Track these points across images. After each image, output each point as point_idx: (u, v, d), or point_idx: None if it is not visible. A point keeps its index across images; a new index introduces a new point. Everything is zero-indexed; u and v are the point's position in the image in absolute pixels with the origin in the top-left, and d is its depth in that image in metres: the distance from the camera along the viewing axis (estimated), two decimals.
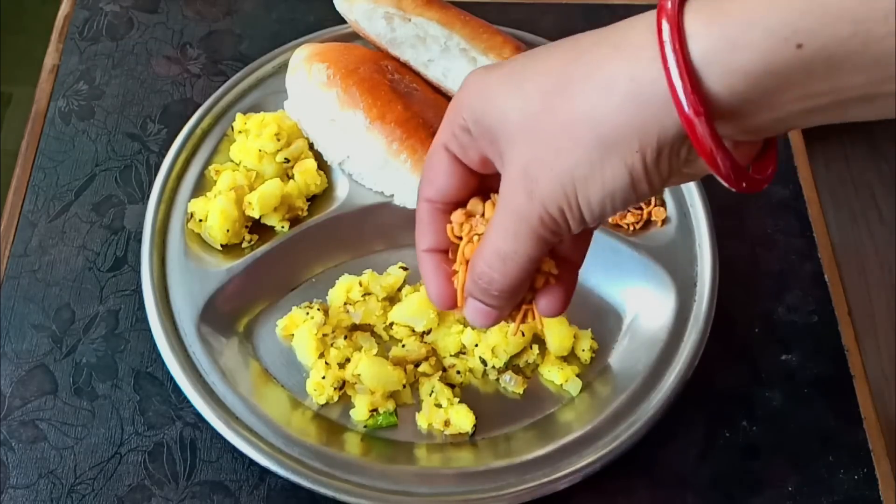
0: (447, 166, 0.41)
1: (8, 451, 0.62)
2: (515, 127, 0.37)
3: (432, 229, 0.43)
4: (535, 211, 0.37)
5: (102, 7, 0.85)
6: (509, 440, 0.63)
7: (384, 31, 0.71)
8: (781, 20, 0.31)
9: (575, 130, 0.35)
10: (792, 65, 0.31)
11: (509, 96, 0.37)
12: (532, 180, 0.36)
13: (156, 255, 0.67)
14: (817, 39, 0.31)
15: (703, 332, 0.65)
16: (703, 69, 0.32)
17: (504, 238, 0.38)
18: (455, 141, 0.40)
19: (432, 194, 0.42)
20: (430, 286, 0.43)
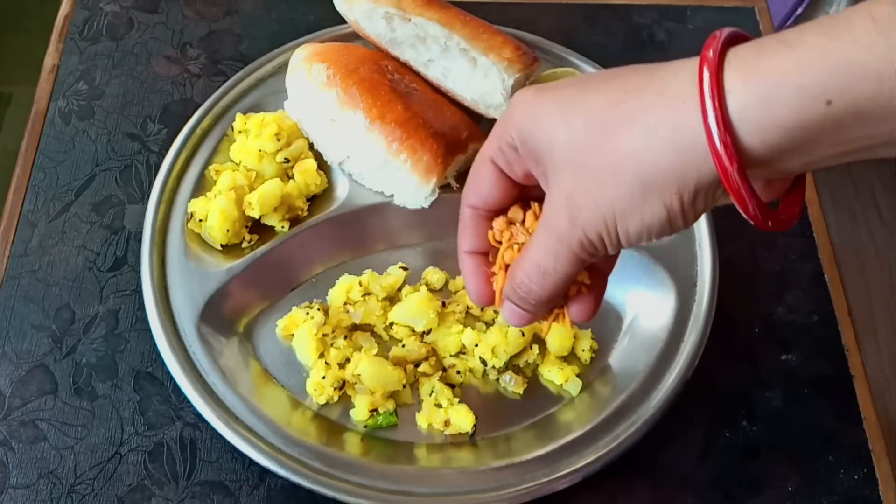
0: (492, 178, 0.44)
1: (8, 451, 0.62)
2: (562, 156, 0.40)
3: (474, 233, 0.46)
4: (577, 236, 0.41)
5: (102, 7, 0.85)
6: (509, 440, 0.63)
7: (384, 31, 0.71)
8: (811, 79, 0.33)
9: (619, 169, 0.38)
10: (822, 119, 0.34)
11: (558, 126, 0.40)
12: (575, 208, 0.40)
13: (156, 255, 0.67)
14: (845, 96, 0.33)
15: (703, 332, 0.65)
16: (738, 123, 0.35)
17: (545, 256, 0.42)
18: (502, 156, 0.43)
19: (477, 202, 0.45)
20: (470, 285, 0.48)
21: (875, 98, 0.33)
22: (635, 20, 0.86)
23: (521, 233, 0.45)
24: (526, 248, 0.44)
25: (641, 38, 0.85)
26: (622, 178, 0.38)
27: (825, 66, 0.33)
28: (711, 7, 0.87)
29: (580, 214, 0.40)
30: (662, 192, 0.38)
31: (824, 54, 0.34)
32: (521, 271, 0.44)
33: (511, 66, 0.68)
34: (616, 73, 0.40)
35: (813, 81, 0.34)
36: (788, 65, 0.34)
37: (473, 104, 0.71)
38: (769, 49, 0.35)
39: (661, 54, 0.84)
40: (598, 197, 0.39)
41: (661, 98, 0.37)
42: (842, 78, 0.33)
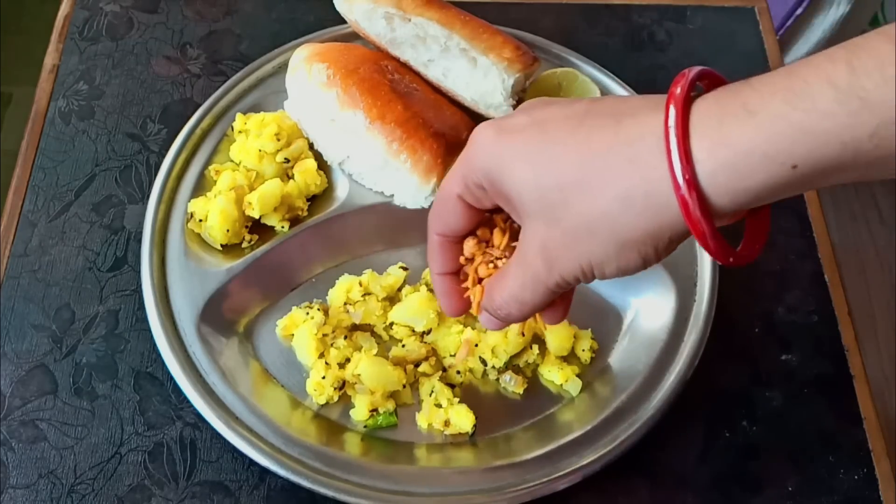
0: (460, 211, 0.46)
1: (8, 451, 0.62)
2: (533, 206, 0.41)
3: (445, 257, 0.49)
4: (553, 279, 0.43)
5: (102, 7, 0.85)
6: (509, 440, 0.63)
7: (384, 31, 0.71)
8: (776, 148, 0.35)
9: (593, 228, 0.40)
10: (789, 181, 0.36)
11: (526, 179, 0.41)
12: (551, 256, 0.42)
13: (156, 255, 0.67)
14: (810, 160, 0.35)
15: (703, 332, 0.65)
16: (708, 189, 0.37)
17: (521, 290, 0.44)
18: (469, 193, 0.44)
19: (446, 231, 0.47)
20: (445, 302, 0.50)
21: (839, 158, 0.35)
22: (635, 20, 0.86)
23: (492, 249, 0.47)
24: (503, 275, 0.45)
25: (641, 38, 0.85)
26: (597, 236, 0.40)
27: (789, 134, 0.35)
28: (711, 7, 0.87)
29: (556, 263, 0.42)
30: (638, 246, 0.40)
31: (788, 124, 0.35)
32: (499, 297, 0.46)
33: (511, 66, 0.68)
34: (578, 120, 0.41)
35: (778, 150, 0.35)
36: (753, 134, 0.35)
37: (473, 104, 0.71)
38: (732, 115, 0.36)
39: (661, 54, 0.84)
40: (573, 249, 0.41)
41: (630, 164, 0.38)
42: (806, 145, 0.35)
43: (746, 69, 0.86)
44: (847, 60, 0.34)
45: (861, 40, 0.35)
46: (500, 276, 0.46)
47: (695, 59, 0.82)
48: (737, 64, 0.82)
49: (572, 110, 0.41)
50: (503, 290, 0.45)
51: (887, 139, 0.34)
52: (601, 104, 0.41)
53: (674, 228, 0.39)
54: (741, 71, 0.86)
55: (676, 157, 0.36)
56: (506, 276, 0.45)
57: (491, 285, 0.46)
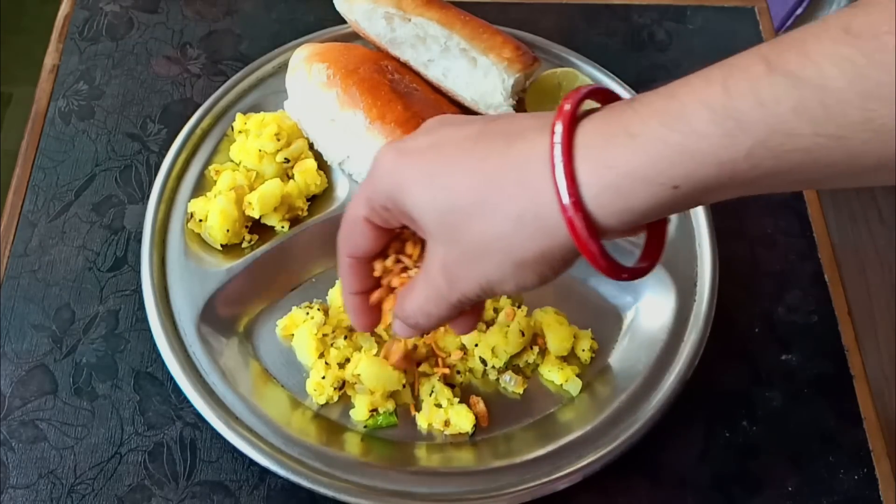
0: (368, 233, 0.47)
1: (8, 451, 0.62)
2: (433, 227, 0.42)
3: (357, 277, 0.49)
4: (455, 296, 0.44)
5: (102, 7, 0.85)
6: (509, 440, 0.63)
7: (384, 31, 0.71)
8: (656, 170, 0.36)
9: (489, 250, 0.41)
10: (671, 200, 0.37)
11: (425, 202, 0.42)
12: (452, 275, 0.43)
13: (156, 255, 0.67)
14: (691, 181, 0.36)
15: (703, 332, 0.65)
16: (595, 211, 0.38)
17: (426, 303, 0.45)
18: (376, 215, 0.45)
19: (355, 253, 0.48)
20: (356, 320, 0.51)
21: (718, 178, 0.36)
22: (635, 20, 0.86)
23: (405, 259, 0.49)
24: (412, 287, 0.46)
25: (641, 38, 0.85)
26: (493, 258, 0.41)
27: (667, 156, 0.36)
28: (711, 7, 0.88)
29: (456, 282, 0.43)
30: (533, 266, 0.41)
31: (666, 146, 0.36)
32: (408, 307, 0.47)
33: (511, 66, 0.68)
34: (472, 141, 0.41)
35: (658, 172, 0.36)
36: (633, 157, 0.36)
37: (473, 104, 0.71)
38: (615, 138, 0.37)
39: (660, 54, 0.84)
40: (472, 269, 0.42)
41: (520, 187, 0.39)
42: (685, 166, 0.36)
43: None
44: (722, 81, 0.35)
45: (736, 60, 0.36)
46: (410, 288, 0.47)
47: (695, 59, 0.82)
48: None
49: (468, 131, 0.42)
50: (412, 301, 0.46)
51: (763, 159, 0.35)
52: (495, 124, 0.42)
53: (565, 248, 0.40)
54: None
55: (562, 180, 0.37)
56: (414, 289, 0.46)
57: (402, 295, 0.47)
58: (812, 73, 0.33)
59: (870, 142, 0.33)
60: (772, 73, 0.34)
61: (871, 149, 0.33)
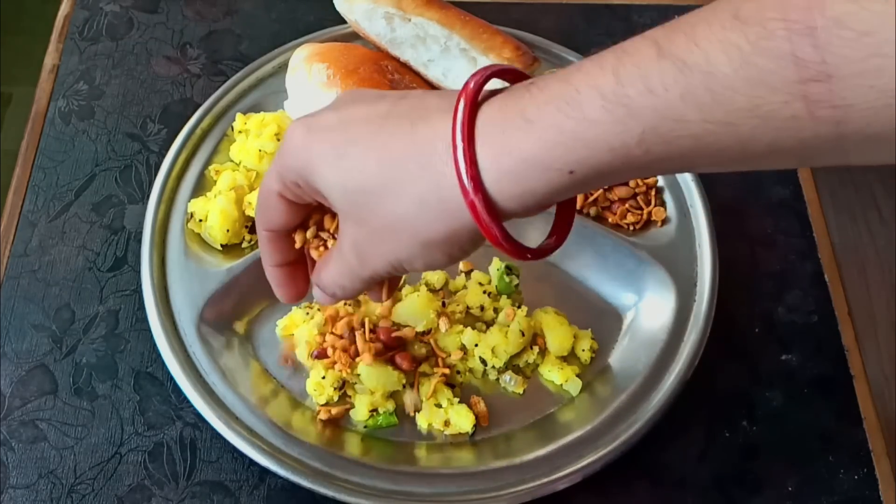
0: (283, 208, 0.47)
1: (8, 451, 0.61)
2: (342, 206, 0.43)
3: (276, 250, 0.49)
4: (367, 272, 0.45)
5: (102, 7, 0.85)
6: (509, 440, 0.63)
7: (384, 31, 0.71)
8: (551, 156, 0.37)
9: (396, 230, 0.41)
10: (568, 184, 0.38)
11: (333, 182, 0.42)
12: (362, 253, 0.44)
13: (156, 255, 0.67)
14: (585, 166, 0.37)
15: (703, 332, 0.65)
16: (496, 195, 0.38)
17: (341, 277, 0.46)
18: (288, 191, 0.45)
19: (272, 227, 0.48)
20: (280, 291, 0.51)
21: (611, 164, 0.36)
22: (635, 20, 0.86)
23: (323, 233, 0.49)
24: (328, 259, 0.47)
25: None
26: (401, 238, 0.42)
27: (562, 142, 0.36)
28: None
29: (367, 260, 0.44)
30: (440, 246, 0.41)
31: (560, 133, 0.36)
32: (325, 278, 0.47)
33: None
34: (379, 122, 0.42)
35: (553, 158, 0.37)
36: (530, 144, 0.37)
37: None
38: (512, 123, 0.38)
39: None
40: (380, 249, 0.43)
41: (423, 171, 0.40)
42: (578, 152, 0.36)
43: None
44: (613, 68, 0.35)
45: (629, 45, 0.36)
46: (326, 260, 0.47)
47: None
48: None
49: (375, 110, 0.42)
50: (327, 274, 0.47)
51: (655, 145, 0.35)
52: (402, 104, 0.42)
53: (470, 230, 0.40)
54: None
55: (463, 164, 0.38)
56: (329, 262, 0.47)
57: (319, 266, 0.48)
58: (699, 59, 0.33)
59: (758, 128, 0.33)
60: (661, 58, 0.34)
61: (759, 134, 0.33)
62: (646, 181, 0.71)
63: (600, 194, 0.70)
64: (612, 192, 0.70)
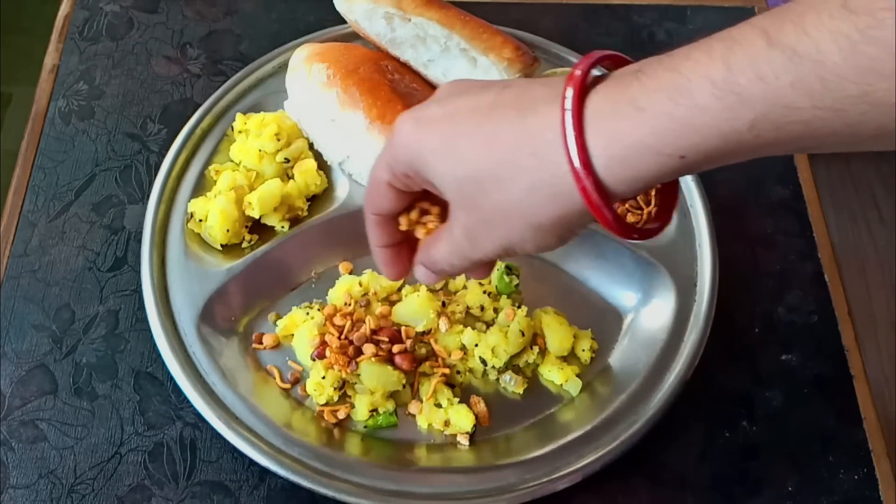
0: (392, 196, 0.49)
1: (8, 451, 0.61)
2: (452, 195, 0.45)
3: (383, 232, 0.52)
4: (477, 255, 0.46)
5: (102, 7, 0.85)
6: (509, 440, 0.63)
7: (384, 31, 0.71)
8: (662, 141, 0.38)
9: (508, 215, 0.43)
10: (678, 168, 0.39)
11: (444, 171, 0.44)
12: (473, 237, 0.45)
13: (156, 255, 0.67)
14: (696, 151, 0.38)
15: (703, 332, 0.65)
16: (606, 179, 0.40)
17: (451, 256, 0.48)
18: (398, 181, 0.47)
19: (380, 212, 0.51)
20: (385, 270, 0.54)
21: (722, 148, 0.37)
22: (635, 20, 0.86)
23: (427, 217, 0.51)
24: (438, 237, 0.49)
25: (641, 38, 0.85)
26: (513, 222, 0.43)
27: (673, 129, 0.37)
28: (711, 7, 0.87)
29: (478, 244, 0.45)
30: (551, 229, 0.43)
31: (671, 119, 0.37)
32: (435, 256, 0.49)
33: (511, 66, 0.68)
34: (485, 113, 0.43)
35: (665, 143, 0.38)
36: (641, 130, 0.38)
37: None
38: (622, 111, 0.39)
39: (661, 54, 0.84)
40: (492, 234, 0.44)
41: (534, 159, 0.41)
42: (689, 138, 0.37)
43: None
44: (723, 56, 0.36)
45: (737, 33, 0.37)
46: (436, 238, 0.49)
47: None
48: None
49: (481, 101, 0.44)
50: (437, 251, 0.49)
51: (766, 131, 0.36)
52: (507, 94, 0.43)
53: (580, 212, 0.41)
54: None
55: (574, 151, 0.39)
56: (439, 241, 0.48)
57: (427, 244, 0.50)
58: (809, 47, 0.34)
59: (867, 113, 0.34)
60: (771, 47, 0.35)
61: (868, 119, 0.35)
62: None
63: None
64: None
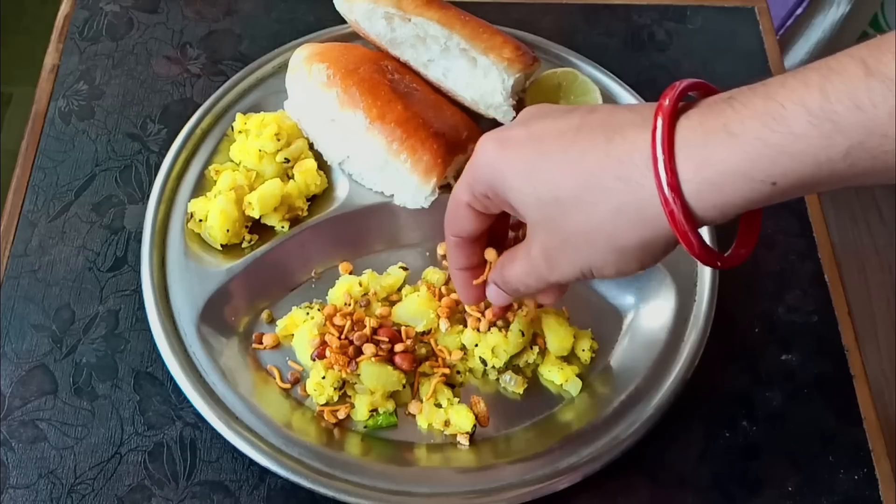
0: (472, 217, 0.50)
1: (8, 451, 0.62)
2: (534, 216, 0.45)
3: (462, 254, 0.53)
4: (554, 277, 0.47)
5: (102, 7, 0.85)
6: (509, 440, 0.63)
7: (384, 31, 0.71)
8: (755, 167, 0.38)
9: (591, 237, 0.43)
10: (769, 194, 0.39)
11: (526, 192, 0.44)
12: (553, 260, 0.46)
13: (156, 255, 0.67)
14: (788, 178, 0.38)
15: (703, 332, 0.65)
16: (695, 205, 0.40)
17: (527, 278, 0.49)
18: (478, 202, 0.48)
19: (460, 234, 0.52)
20: (463, 294, 0.56)
21: (816, 175, 0.38)
22: (635, 20, 0.86)
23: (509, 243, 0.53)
24: (514, 257, 0.49)
25: (641, 38, 0.85)
26: (596, 245, 0.43)
27: (767, 155, 0.38)
28: (712, 7, 0.87)
29: (557, 266, 0.46)
30: (634, 253, 0.43)
31: (765, 145, 0.38)
32: (510, 276, 0.50)
33: (511, 66, 0.68)
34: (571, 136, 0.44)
35: (757, 169, 0.38)
36: (734, 156, 0.38)
37: (473, 104, 0.71)
38: (714, 136, 0.39)
39: (660, 54, 0.84)
40: (573, 256, 0.45)
41: (621, 182, 0.41)
42: (783, 165, 0.38)
43: (746, 69, 0.86)
44: (820, 85, 0.37)
45: (834, 63, 0.37)
46: (511, 258, 0.49)
47: (695, 60, 0.82)
48: (737, 64, 0.82)
49: (566, 125, 0.44)
50: (513, 271, 0.49)
51: (861, 160, 0.36)
52: (592, 118, 0.44)
53: (665, 238, 0.42)
54: (741, 71, 0.86)
55: (664, 177, 0.39)
56: (515, 261, 0.49)
57: (502, 264, 0.51)
58: None
59: None
60: (869, 76, 0.36)
61: None
62: None
63: None
64: None
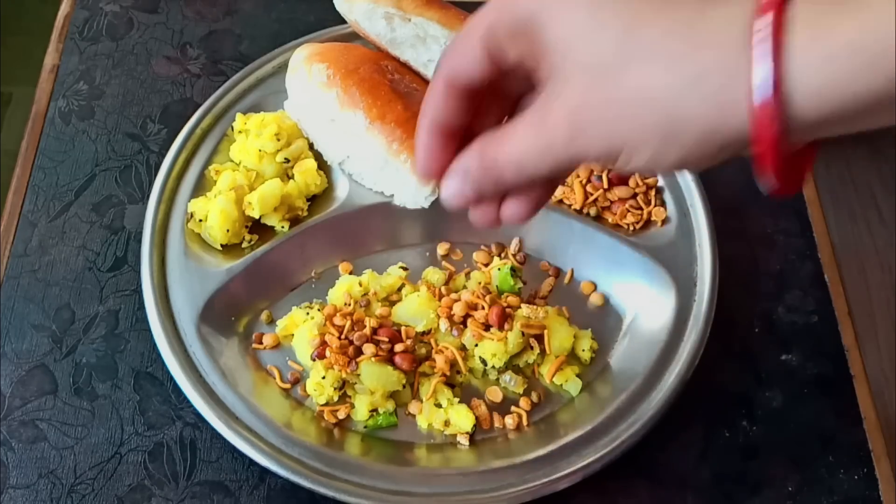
0: (477, 55, 0.39)
1: (8, 451, 0.61)
2: (580, 62, 0.35)
3: (441, 105, 0.41)
4: (570, 151, 0.37)
5: (102, 7, 0.85)
6: (509, 440, 0.63)
7: (384, 31, 0.71)
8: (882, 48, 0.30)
9: (645, 104, 0.34)
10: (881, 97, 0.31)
11: (581, 23, 0.35)
12: (579, 125, 0.36)
13: (156, 255, 0.67)
14: None
15: (703, 332, 0.65)
16: (794, 92, 0.31)
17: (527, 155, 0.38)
18: (494, 39, 0.38)
19: (455, 74, 0.40)
20: (422, 155, 0.42)
21: None
22: None
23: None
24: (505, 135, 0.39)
25: None
26: (646, 116, 0.34)
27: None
28: None
29: (583, 135, 0.36)
30: (685, 140, 0.34)
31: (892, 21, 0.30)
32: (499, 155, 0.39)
33: None
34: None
35: (885, 50, 0.30)
36: (856, 31, 0.30)
37: None
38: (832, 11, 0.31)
39: None
40: (610, 124, 0.35)
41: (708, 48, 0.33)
42: None
43: None
44: None
45: None
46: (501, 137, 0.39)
47: None
48: None
49: None
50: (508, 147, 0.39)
51: None
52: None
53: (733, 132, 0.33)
54: None
55: (768, 45, 0.31)
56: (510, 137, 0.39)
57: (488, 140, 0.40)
58: None
59: None
60: None
61: None
62: (646, 181, 0.71)
63: (600, 194, 0.70)
64: (612, 192, 0.70)
